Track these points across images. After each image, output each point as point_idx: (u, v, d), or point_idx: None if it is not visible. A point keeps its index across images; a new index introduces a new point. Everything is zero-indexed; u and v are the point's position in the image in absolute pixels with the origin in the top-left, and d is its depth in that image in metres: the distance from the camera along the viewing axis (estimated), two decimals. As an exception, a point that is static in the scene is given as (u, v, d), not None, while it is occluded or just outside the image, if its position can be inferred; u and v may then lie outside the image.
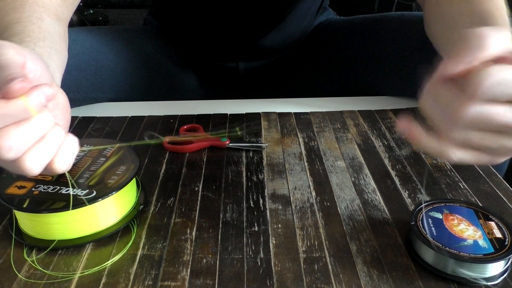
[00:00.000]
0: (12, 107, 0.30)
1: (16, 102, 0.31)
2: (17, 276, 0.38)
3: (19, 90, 0.30)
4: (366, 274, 0.38)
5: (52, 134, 0.34)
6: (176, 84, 0.83)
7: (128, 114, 0.67)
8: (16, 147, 0.31)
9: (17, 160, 0.32)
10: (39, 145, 0.33)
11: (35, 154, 0.32)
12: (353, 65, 0.78)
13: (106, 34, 0.74)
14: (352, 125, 0.64)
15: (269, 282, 0.37)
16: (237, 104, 0.72)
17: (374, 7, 1.24)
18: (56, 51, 0.45)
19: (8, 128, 0.31)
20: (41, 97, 0.32)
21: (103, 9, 1.85)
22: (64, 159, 0.35)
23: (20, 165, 0.32)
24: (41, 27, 0.45)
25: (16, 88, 0.30)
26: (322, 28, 0.86)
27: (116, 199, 0.43)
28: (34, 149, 0.32)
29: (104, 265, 0.39)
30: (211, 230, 0.43)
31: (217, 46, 0.82)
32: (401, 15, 0.74)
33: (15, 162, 0.32)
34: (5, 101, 0.30)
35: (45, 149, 0.33)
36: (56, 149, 0.34)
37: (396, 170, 0.53)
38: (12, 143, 0.31)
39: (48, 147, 0.33)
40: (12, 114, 0.31)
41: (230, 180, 0.52)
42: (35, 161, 0.33)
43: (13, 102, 0.30)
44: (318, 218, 0.45)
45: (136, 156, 0.47)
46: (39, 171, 0.34)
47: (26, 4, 0.48)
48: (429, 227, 0.40)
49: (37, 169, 0.33)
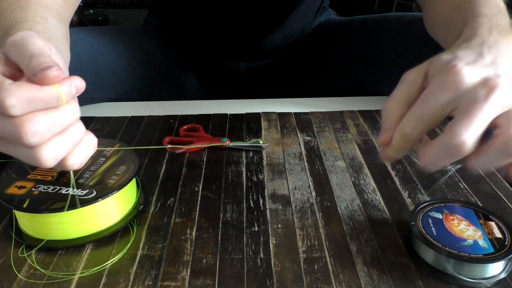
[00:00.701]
0: (45, 93, 0.31)
1: (50, 89, 0.31)
2: (17, 276, 0.38)
3: (55, 78, 0.31)
4: (366, 274, 0.38)
5: (74, 128, 0.34)
6: (176, 84, 0.83)
7: (128, 114, 0.67)
8: (40, 133, 0.31)
9: (36, 149, 0.32)
10: (60, 137, 0.33)
11: (54, 146, 0.33)
12: (353, 65, 0.78)
13: (106, 34, 0.74)
14: (352, 125, 0.64)
15: (269, 282, 0.37)
16: (237, 104, 0.72)
17: (374, 7, 1.24)
18: (60, 52, 0.46)
19: (37, 113, 0.31)
20: (72, 87, 0.32)
21: (103, 9, 1.85)
22: (79, 156, 0.35)
23: (37, 154, 0.32)
24: (46, 28, 0.45)
25: (54, 75, 0.31)
26: (322, 28, 0.86)
27: (116, 199, 0.43)
28: (54, 140, 0.33)
29: (104, 265, 0.39)
30: (211, 230, 0.43)
31: (217, 46, 0.82)
32: (401, 16, 0.74)
33: (32, 150, 0.32)
34: (39, 87, 0.31)
35: (64, 142, 0.33)
36: (74, 144, 0.34)
37: (396, 170, 0.53)
38: (38, 128, 0.31)
39: (67, 141, 0.34)
40: (43, 100, 0.31)
41: (230, 180, 0.52)
42: (53, 152, 0.33)
43: (46, 88, 0.31)
44: (318, 218, 0.45)
45: (136, 156, 0.47)
46: (53, 164, 0.34)
47: (30, 4, 0.48)
48: (429, 227, 0.40)
49: (52, 162, 0.33)
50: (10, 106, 0.30)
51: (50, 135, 0.32)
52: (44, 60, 0.31)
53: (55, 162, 0.34)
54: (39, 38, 0.34)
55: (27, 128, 0.31)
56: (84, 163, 0.36)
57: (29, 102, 0.31)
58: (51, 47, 0.35)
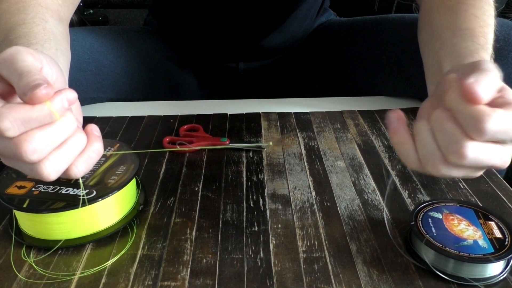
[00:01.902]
0: (37, 112, 0.31)
1: (41, 107, 0.32)
2: (17, 276, 0.38)
3: (44, 96, 0.31)
4: (366, 274, 0.38)
5: (74, 139, 0.34)
6: (176, 84, 0.83)
7: (128, 114, 0.67)
8: (39, 150, 0.32)
9: (37, 164, 0.33)
10: (60, 151, 0.34)
11: (54, 159, 0.33)
12: (353, 66, 0.78)
13: (106, 34, 0.74)
14: (352, 125, 0.64)
15: (269, 282, 0.37)
16: (237, 104, 0.72)
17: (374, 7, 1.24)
18: (61, 52, 0.46)
19: (33, 131, 0.32)
20: (64, 101, 0.33)
21: (103, 9, 1.84)
22: (82, 165, 0.36)
23: (39, 170, 0.33)
24: (45, 29, 0.45)
25: (42, 94, 0.31)
26: (323, 29, 0.86)
27: (116, 199, 0.43)
28: (54, 154, 0.33)
29: (104, 265, 0.39)
30: (211, 230, 0.43)
31: (217, 46, 0.82)
32: (401, 17, 0.74)
33: (34, 165, 0.33)
34: (31, 106, 0.31)
35: (65, 154, 0.34)
36: (75, 155, 0.35)
37: (396, 170, 0.53)
38: (36, 146, 0.32)
39: (68, 153, 0.34)
40: (37, 119, 0.32)
41: (230, 180, 0.52)
42: (54, 166, 0.33)
43: (38, 107, 0.32)
44: (318, 218, 0.45)
45: (136, 156, 0.47)
46: (57, 177, 0.34)
47: (29, 5, 0.48)
48: (429, 227, 0.40)
49: (55, 175, 0.34)
50: (5, 130, 0.31)
51: (50, 150, 0.33)
52: (33, 78, 0.31)
53: (58, 175, 0.34)
54: (28, 53, 0.34)
55: (25, 147, 0.31)
56: (88, 170, 0.37)
57: (23, 122, 0.31)
58: (42, 59, 0.35)
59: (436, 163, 0.33)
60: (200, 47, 0.84)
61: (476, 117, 0.31)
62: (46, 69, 0.35)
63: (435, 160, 0.33)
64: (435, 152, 0.33)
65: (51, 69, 0.35)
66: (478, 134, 0.31)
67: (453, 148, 0.32)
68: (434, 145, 0.33)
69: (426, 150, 0.34)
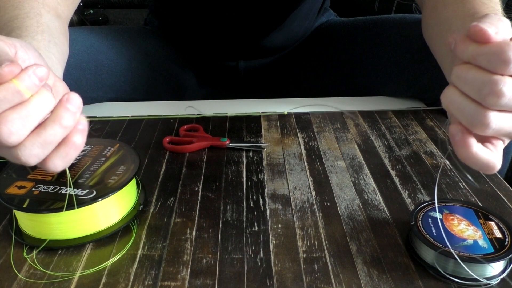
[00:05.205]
0: (4, 91, 0.30)
1: (7, 85, 0.30)
2: (17, 276, 0.38)
3: (7, 74, 0.30)
4: (366, 274, 0.38)
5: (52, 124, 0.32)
6: (176, 83, 0.83)
7: (128, 114, 0.67)
8: (15, 131, 0.31)
9: (16, 148, 0.32)
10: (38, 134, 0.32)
11: (32, 142, 0.32)
12: (354, 66, 0.78)
13: (106, 33, 0.74)
14: (352, 125, 0.64)
15: (269, 282, 0.37)
16: (237, 104, 0.72)
17: (374, 7, 1.24)
18: (55, 44, 0.45)
19: (6, 112, 0.30)
20: (32, 77, 0.31)
21: (103, 9, 1.85)
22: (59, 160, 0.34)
23: (17, 153, 0.32)
24: (39, 22, 0.45)
25: (4, 72, 0.30)
26: (323, 29, 0.86)
27: (116, 199, 0.43)
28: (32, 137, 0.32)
29: (104, 265, 0.39)
30: (211, 230, 0.43)
31: (217, 44, 0.82)
32: (402, 17, 0.74)
33: (14, 149, 0.32)
34: None
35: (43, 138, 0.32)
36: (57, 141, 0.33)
37: (396, 170, 0.53)
38: (11, 127, 0.30)
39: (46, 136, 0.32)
40: (6, 98, 0.30)
41: (230, 180, 0.52)
42: (32, 150, 0.32)
43: (4, 86, 0.30)
44: (318, 218, 0.45)
45: (136, 156, 0.47)
46: (35, 162, 0.33)
47: (25, 1, 0.48)
48: (429, 227, 0.40)
49: (33, 159, 0.32)
50: None
51: (28, 131, 0.31)
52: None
53: (37, 160, 0.33)
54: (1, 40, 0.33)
55: (1, 129, 0.30)
56: (67, 165, 0.35)
57: None
58: (16, 44, 0.33)
59: (481, 117, 0.31)
60: (200, 45, 0.84)
61: (496, 50, 0.29)
62: (21, 53, 0.34)
63: (479, 116, 0.31)
64: (475, 108, 0.31)
65: (26, 53, 0.34)
66: (504, 64, 0.29)
67: (487, 90, 0.30)
68: (469, 101, 0.31)
69: (466, 111, 0.32)
